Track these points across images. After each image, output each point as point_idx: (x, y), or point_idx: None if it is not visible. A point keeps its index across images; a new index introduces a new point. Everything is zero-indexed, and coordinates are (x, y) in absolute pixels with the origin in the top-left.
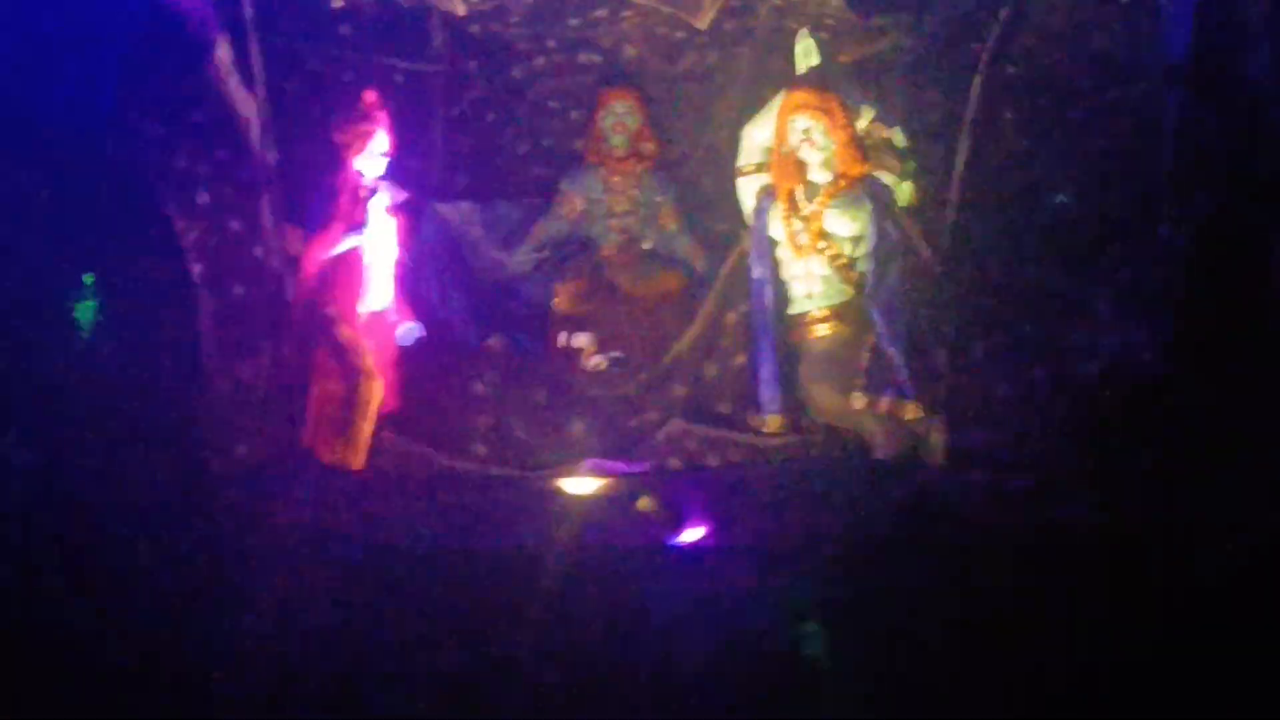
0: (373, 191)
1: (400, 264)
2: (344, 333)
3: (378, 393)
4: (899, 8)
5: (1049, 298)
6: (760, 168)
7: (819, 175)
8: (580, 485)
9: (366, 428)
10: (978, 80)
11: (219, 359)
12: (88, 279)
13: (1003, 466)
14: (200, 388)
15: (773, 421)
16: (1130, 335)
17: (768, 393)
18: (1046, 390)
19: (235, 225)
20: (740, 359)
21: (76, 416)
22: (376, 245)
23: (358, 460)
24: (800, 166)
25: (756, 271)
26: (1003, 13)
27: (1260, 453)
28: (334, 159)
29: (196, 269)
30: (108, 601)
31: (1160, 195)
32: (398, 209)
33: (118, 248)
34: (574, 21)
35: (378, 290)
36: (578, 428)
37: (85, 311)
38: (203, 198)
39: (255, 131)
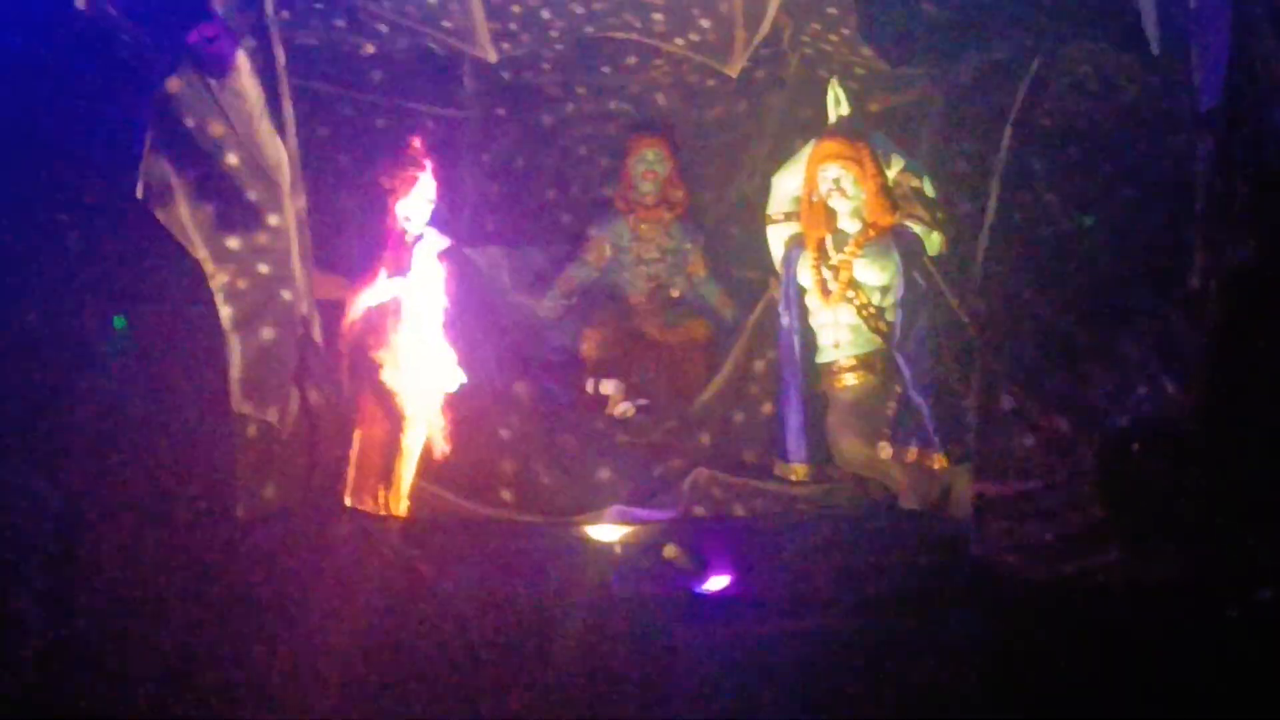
0: (418, 237)
1: (445, 310)
2: (388, 379)
3: (422, 439)
4: (929, 58)
5: (1078, 348)
6: (790, 216)
7: (848, 224)
8: (606, 533)
9: (410, 474)
10: (1008, 131)
11: (247, 403)
12: (118, 322)
13: (1029, 517)
14: (228, 431)
15: (800, 470)
16: (1159, 386)
17: (795, 442)
18: (1073, 441)
19: (264, 269)
20: (767, 407)
21: (104, 457)
22: (421, 291)
23: (399, 507)
24: (830, 215)
25: (785, 320)
26: (1034, 63)
27: None
28: (376, 204)
29: (226, 312)
30: (132, 643)
31: (1190, 246)
32: (444, 255)
33: (148, 290)
34: (605, 69)
35: (423, 336)
36: (604, 475)
37: (114, 351)
38: (233, 241)
39: (285, 176)
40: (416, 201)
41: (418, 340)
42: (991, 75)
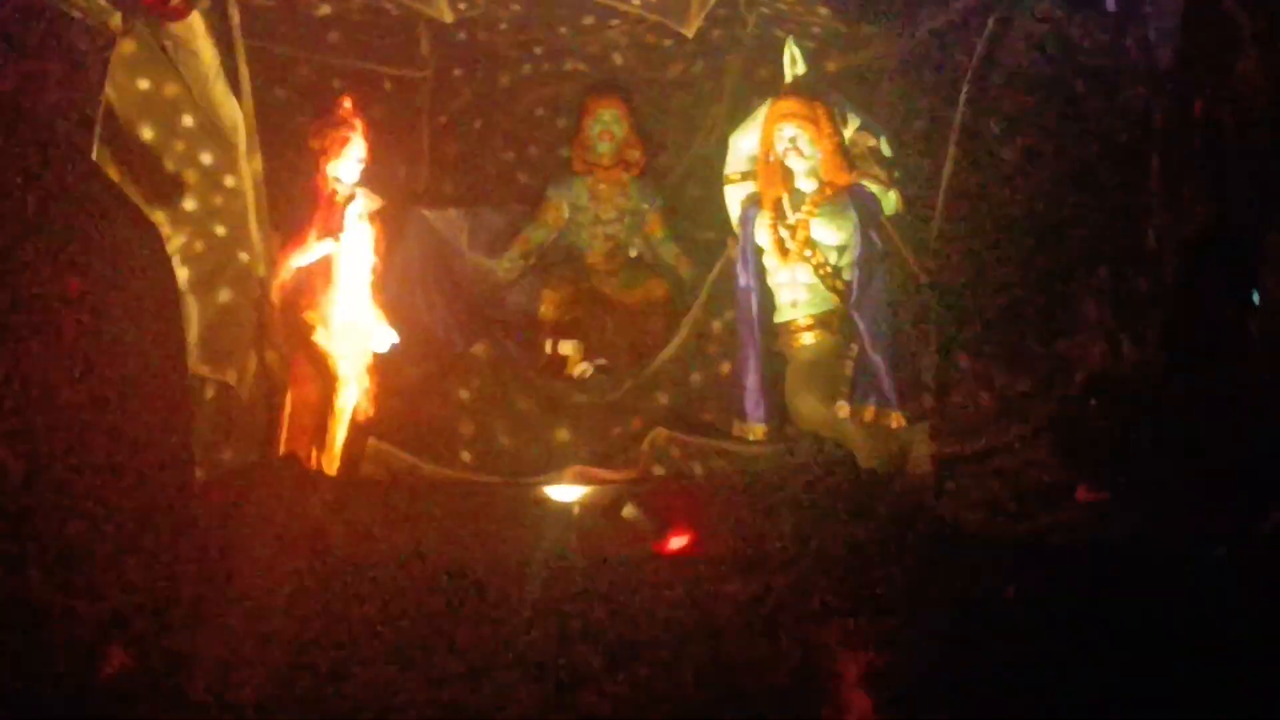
0: (349, 198)
1: (376, 271)
2: (319, 339)
3: (353, 400)
4: (885, 17)
5: (1035, 306)
6: (746, 176)
7: (805, 183)
8: (565, 493)
9: (342, 434)
10: (965, 88)
11: (205, 365)
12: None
13: (988, 475)
14: (186, 393)
15: (757, 430)
16: (1116, 344)
17: (752, 401)
18: (1032, 399)
19: (221, 231)
20: (725, 367)
21: (61, 420)
22: (352, 252)
23: (332, 467)
24: (787, 174)
25: (742, 279)
26: (990, 21)
27: (1245, 460)
28: (312, 165)
29: (183, 274)
30: (90, 604)
31: (1147, 203)
32: (375, 215)
33: (104, 252)
34: (562, 29)
35: (354, 297)
36: (563, 435)
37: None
38: (189, 203)
39: (242, 137)
40: (347, 162)
41: (348, 302)
42: (948, 34)
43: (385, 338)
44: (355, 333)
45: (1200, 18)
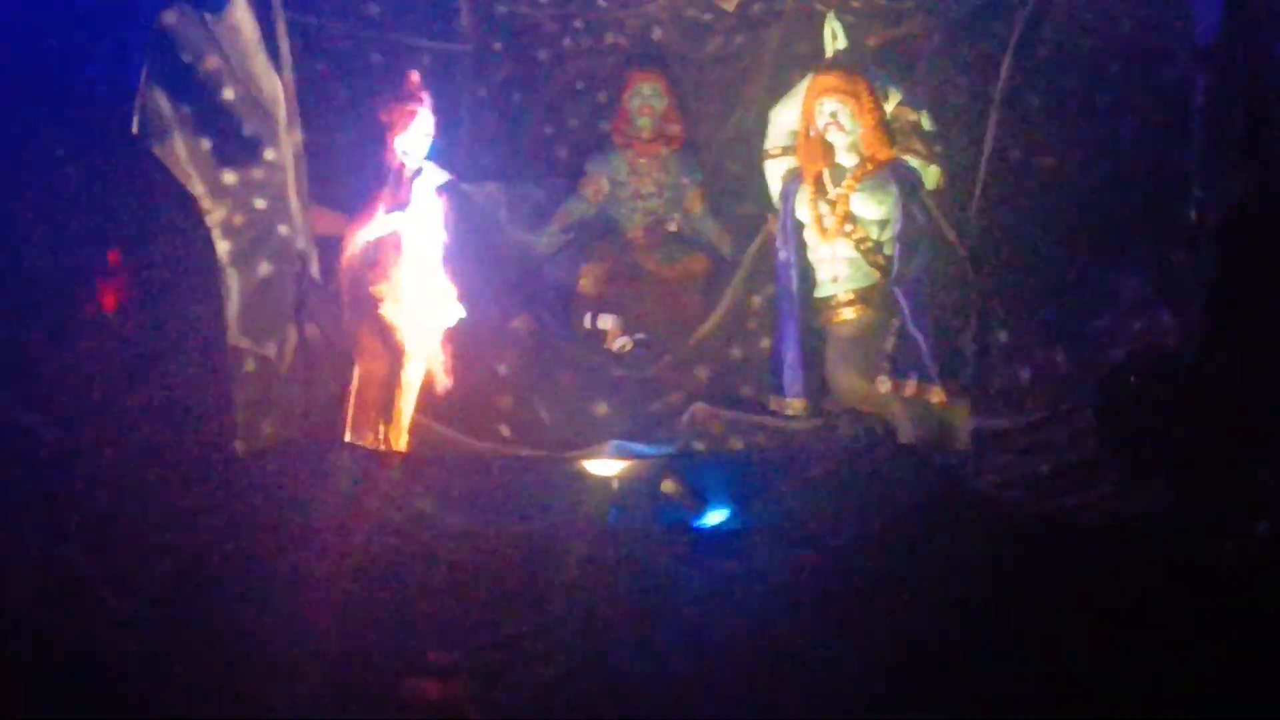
0: (417, 172)
1: (444, 244)
2: (388, 313)
3: (421, 373)
4: None
5: (1075, 282)
6: (787, 151)
7: (846, 158)
8: (604, 467)
9: (409, 409)
10: (1006, 63)
11: (245, 338)
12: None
13: (1027, 451)
14: (225, 366)
15: (796, 405)
16: (1157, 319)
17: (791, 376)
18: (1071, 375)
19: (261, 204)
20: (765, 342)
21: (102, 393)
22: (420, 225)
23: (399, 441)
24: (827, 149)
25: (782, 255)
26: None
27: None
28: (373, 139)
29: (223, 247)
30: (132, 578)
31: (1188, 179)
32: (441, 190)
33: (145, 225)
34: (602, 3)
35: (422, 271)
36: (602, 410)
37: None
38: (229, 176)
39: (281, 110)
40: (415, 136)
41: (417, 275)
42: (988, 8)
43: (454, 311)
44: (425, 306)
45: None
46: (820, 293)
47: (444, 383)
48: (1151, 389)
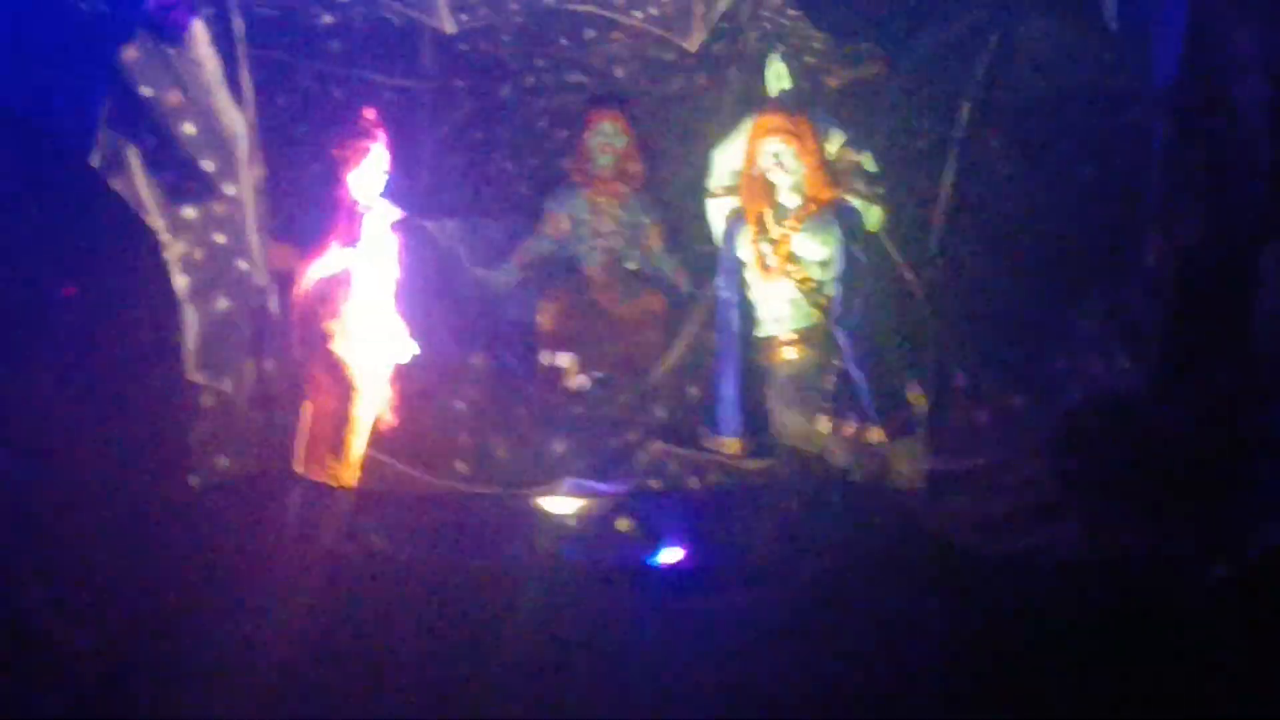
0: (370, 208)
1: (397, 281)
2: (339, 350)
3: (372, 410)
4: (887, 33)
5: (1033, 324)
6: (730, 190)
7: (788, 199)
8: (560, 505)
9: (360, 445)
10: (966, 106)
11: (202, 372)
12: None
13: (984, 493)
14: (183, 400)
15: (732, 444)
16: (1114, 363)
17: (728, 415)
18: (1028, 417)
19: (221, 239)
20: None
21: (58, 425)
22: (373, 262)
23: (350, 477)
24: (770, 189)
25: (724, 294)
26: (992, 39)
27: (1241, 479)
28: (329, 175)
29: (181, 282)
30: (85, 611)
31: (1146, 223)
32: (400, 226)
33: (103, 259)
34: (563, 42)
35: (374, 307)
36: (559, 447)
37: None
38: (189, 211)
39: (243, 146)
40: (369, 172)
41: (369, 311)
42: (949, 51)
43: (406, 349)
44: (375, 343)
45: (1202, 40)
46: (761, 332)
47: (390, 421)
48: (1109, 431)
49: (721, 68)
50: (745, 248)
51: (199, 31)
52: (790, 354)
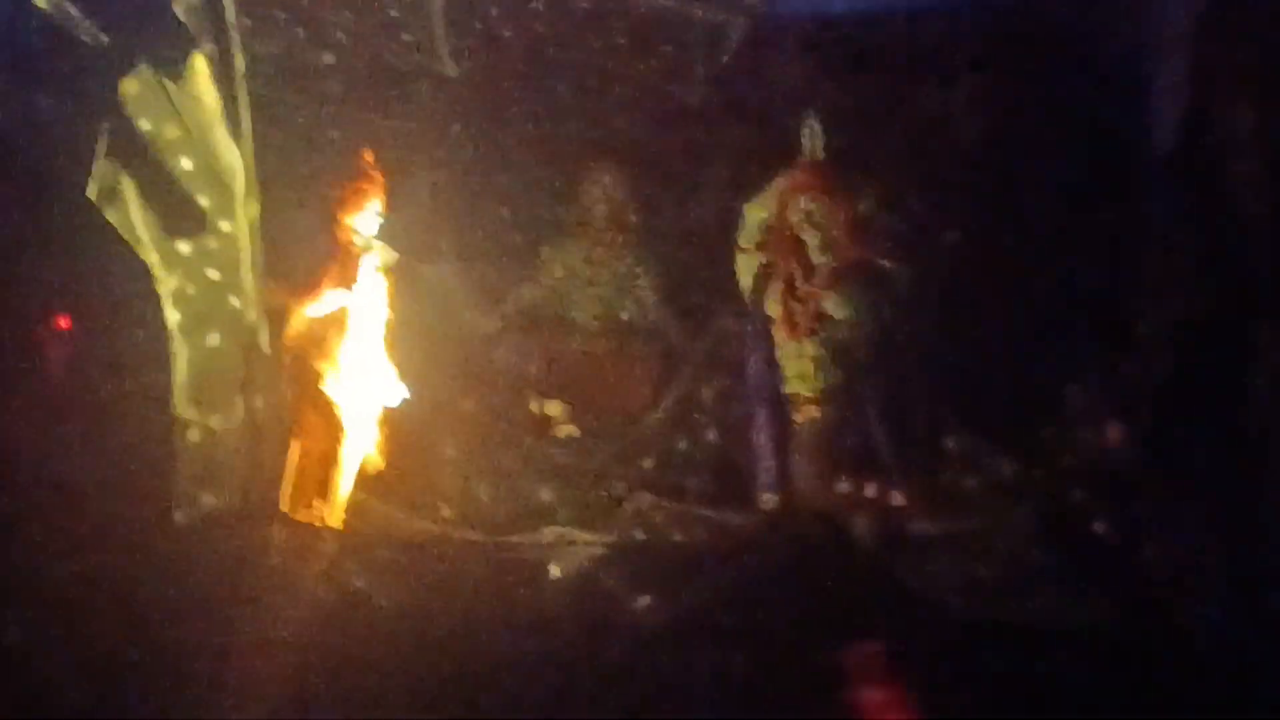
0: (366, 250)
1: (389, 324)
2: (329, 390)
3: (360, 452)
4: (894, 94)
5: (1025, 390)
6: (760, 246)
7: (818, 256)
8: (544, 553)
9: (347, 486)
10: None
11: (191, 408)
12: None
13: (968, 555)
14: (170, 436)
15: (772, 500)
16: (1104, 432)
17: (768, 472)
18: (1015, 484)
19: (215, 275)
20: (712, 435)
21: (45, 456)
22: (367, 304)
23: (336, 519)
24: (800, 246)
25: (751, 351)
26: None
27: (1233, 550)
28: (326, 215)
29: (173, 317)
30: (67, 644)
31: (1140, 293)
32: (395, 269)
33: (96, 292)
34: (563, 90)
35: (366, 349)
36: (545, 495)
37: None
38: (184, 246)
39: (239, 182)
40: (365, 214)
41: (359, 353)
42: (953, 116)
43: (397, 392)
44: (366, 385)
45: (1202, 111)
46: (786, 389)
47: (377, 464)
48: (1097, 499)
49: (722, 121)
50: (774, 304)
51: (199, 66)
52: (814, 412)
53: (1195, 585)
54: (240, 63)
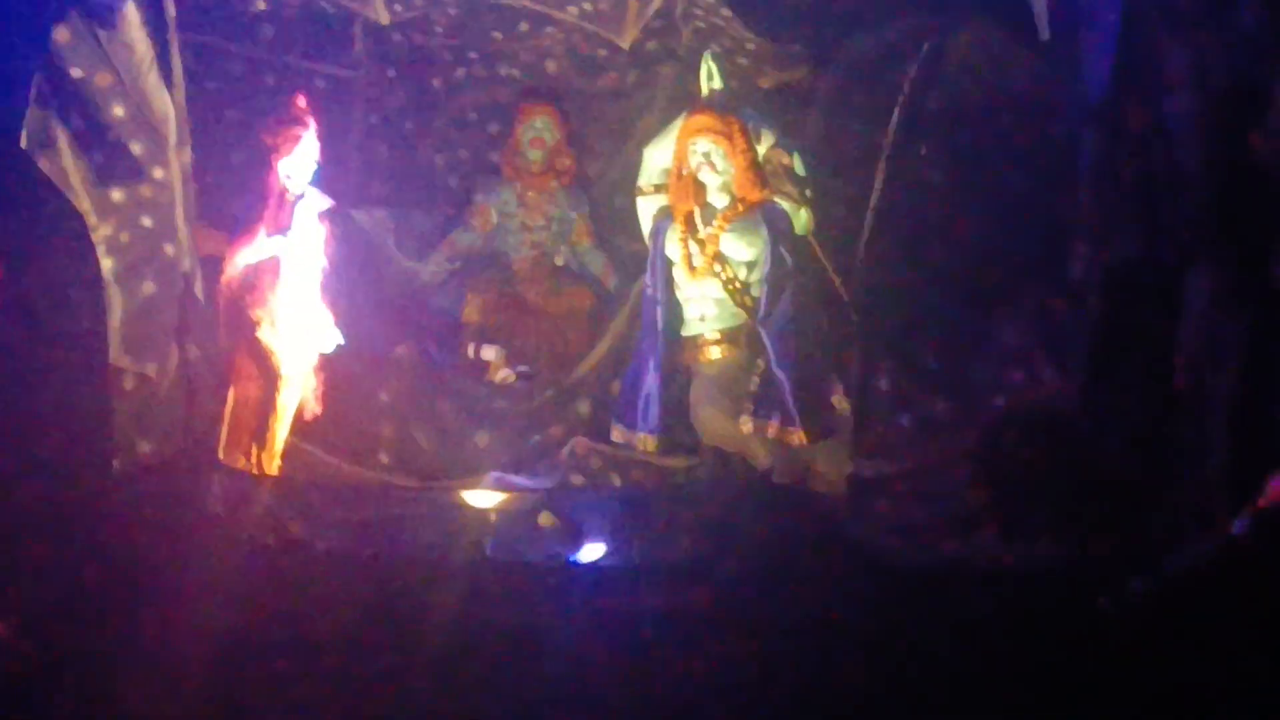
0: (300, 196)
1: (324, 270)
2: (264, 337)
3: (296, 399)
4: (819, 37)
5: (958, 330)
6: (659, 188)
7: (717, 198)
8: (482, 498)
9: (283, 433)
10: (896, 112)
11: (126, 356)
12: None
13: (905, 498)
14: (106, 384)
15: (648, 441)
16: (1038, 372)
17: (648, 412)
18: (951, 423)
19: (148, 222)
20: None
21: None
22: (301, 250)
23: (271, 466)
24: (699, 189)
25: (649, 291)
26: (925, 46)
27: (1162, 491)
28: (259, 161)
29: (107, 265)
30: (5, 594)
31: (1074, 233)
32: (324, 215)
33: (29, 240)
34: (497, 34)
35: (300, 296)
36: (482, 440)
37: None
38: (117, 194)
39: (172, 129)
40: (299, 160)
41: (295, 300)
42: (881, 57)
43: (332, 338)
44: (301, 331)
45: (1133, 53)
46: (687, 331)
47: (314, 409)
48: (1031, 440)
49: (654, 65)
50: (673, 246)
51: (131, 14)
52: (715, 353)
53: (1124, 528)
54: (172, 9)
